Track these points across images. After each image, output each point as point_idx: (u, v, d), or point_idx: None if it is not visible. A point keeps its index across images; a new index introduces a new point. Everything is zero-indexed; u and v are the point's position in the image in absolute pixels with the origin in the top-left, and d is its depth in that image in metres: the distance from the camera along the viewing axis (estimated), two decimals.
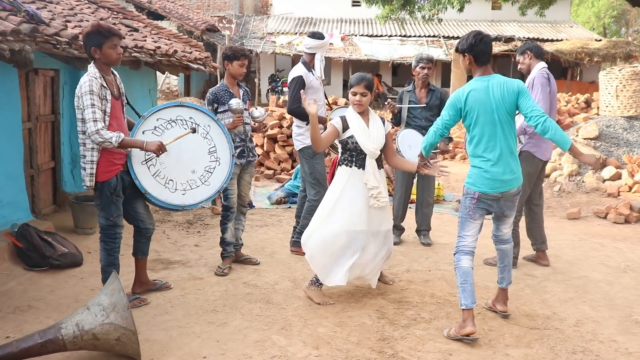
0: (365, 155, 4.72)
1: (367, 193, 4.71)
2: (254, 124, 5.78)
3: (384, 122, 4.88)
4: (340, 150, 4.86)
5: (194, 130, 4.63)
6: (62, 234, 5.97)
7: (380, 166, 4.83)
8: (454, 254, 4.38)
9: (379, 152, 4.77)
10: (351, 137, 4.72)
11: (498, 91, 4.21)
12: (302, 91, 5.20)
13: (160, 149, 4.33)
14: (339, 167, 4.85)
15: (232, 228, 5.62)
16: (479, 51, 4.25)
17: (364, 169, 4.72)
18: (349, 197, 4.72)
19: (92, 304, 3.69)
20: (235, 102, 5.31)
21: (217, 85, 5.54)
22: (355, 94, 4.73)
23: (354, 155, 4.75)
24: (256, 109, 5.73)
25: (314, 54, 6.03)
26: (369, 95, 4.75)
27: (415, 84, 6.55)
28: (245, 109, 5.55)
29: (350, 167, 4.75)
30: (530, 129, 5.34)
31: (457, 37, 24.04)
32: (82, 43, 4.41)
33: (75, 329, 3.59)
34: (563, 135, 4.08)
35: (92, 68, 4.28)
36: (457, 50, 4.47)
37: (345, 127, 4.74)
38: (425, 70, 6.43)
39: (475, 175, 4.28)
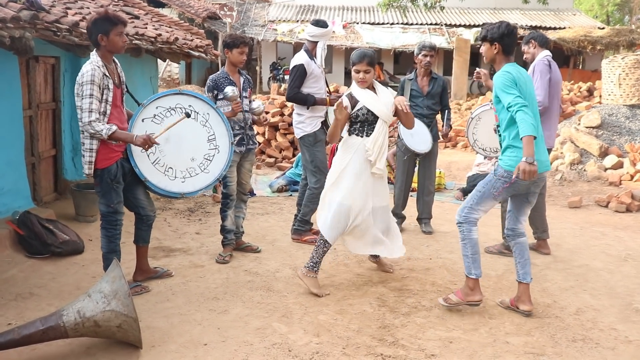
0: (376, 123, 4.75)
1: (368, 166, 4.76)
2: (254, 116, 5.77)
3: (387, 89, 4.95)
4: (348, 124, 4.86)
5: (187, 115, 4.59)
6: (64, 221, 5.98)
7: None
8: (462, 223, 4.44)
9: (392, 117, 4.83)
10: (361, 108, 4.74)
11: (526, 77, 4.34)
12: (335, 98, 5.34)
13: (147, 143, 4.30)
14: (349, 136, 4.86)
15: (232, 216, 5.62)
16: (509, 42, 4.32)
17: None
18: (353, 170, 4.75)
19: (94, 291, 3.70)
20: (230, 90, 5.29)
21: (218, 72, 5.53)
22: (358, 72, 4.72)
23: (366, 125, 4.77)
24: (254, 100, 5.72)
25: (317, 42, 6.01)
26: (372, 72, 4.74)
27: (418, 71, 6.53)
28: (246, 97, 5.54)
29: (362, 136, 4.79)
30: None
31: (460, 25, 23.94)
32: (86, 30, 4.39)
33: (77, 316, 3.60)
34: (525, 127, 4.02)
35: (94, 56, 4.27)
36: (484, 38, 4.41)
37: (354, 103, 4.76)
38: (428, 58, 6.40)
39: (514, 160, 4.20)
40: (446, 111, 6.61)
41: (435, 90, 6.46)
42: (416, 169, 6.80)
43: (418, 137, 6.37)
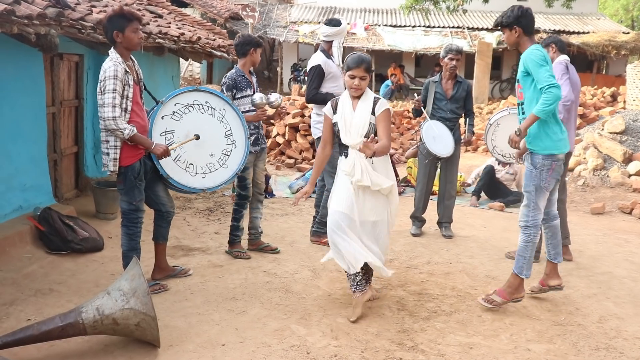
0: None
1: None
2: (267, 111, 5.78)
3: (375, 104, 4.32)
4: None
5: (197, 137, 4.69)
6: (84, 218, 6.01)
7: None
8: (531, 227, 4.46)
9: (361, 141, 4.15)
10: (335, 124, 4.41)
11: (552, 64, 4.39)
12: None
13: (165, 154, 4.39)
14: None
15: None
16: (526, 22, 4.35)
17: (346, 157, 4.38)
18: (340, 183, 4.43)
19: (113, 289, 3.70)
20: (258, 97, 5.36)
21: (233, 71, 5.52)
22: (353, 77, 4.28)
23: (341, 143, 4.42)
24: (271, 94, 5.71)
25: (332, 41, 5.99)
26: (368, 79, 4.35)
27: (442, 74, 6.47)
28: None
29: (341, 155, 4.47)
30: (560, 115, 5.28)
31: (482, 29, 23.78)
32: (102, 28, 4.42)
33: (96, 313, 3.60)
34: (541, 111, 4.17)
35: (113, 53, 4.28)
36: (500, 25, 4.44)
37: (336, 110, 4.44)
38: (454, 62, 6.34)
39: (549, 140, 4.33)
40: (469, 117, 6.55)
41: (459, 94, 6.41)
42: (437, 172, 6.75)
43: (440, 141, 6.32)
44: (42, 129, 6.06)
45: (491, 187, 8.65)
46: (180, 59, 9.91)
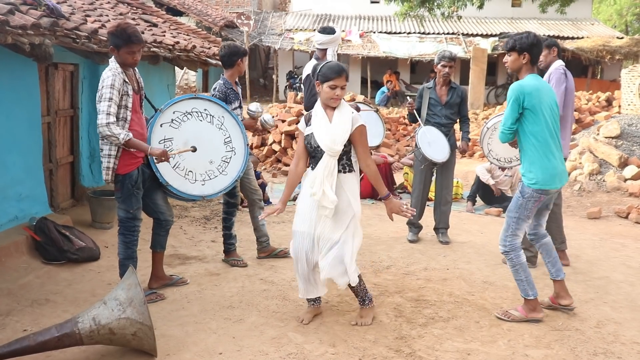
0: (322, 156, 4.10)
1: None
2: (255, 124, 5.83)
3: (353, 117, 4.10)
4: None
5: (194, 150, 4.70)
6: (80, 228, 5.99)
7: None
8: (509, 252, 4.45)
9: (340, 149, 4.04)
10: (309, 134, 4.17)
11: (546, 88, 4.43)
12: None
13: (163, 156, 4.32)
14: None
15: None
16: (537, 52, 4.38)
17: None
18: (301, 198, 4.30)
19: (109, 299, 3.69)
20: (254, 107, 5.41)
21: (221, 82, 5.49)
22: (334, 87, 4.02)
23: (315, 157, 4.18)
24: (252, 104, 5.74)
25: (326, 49, 6.01)
26: (345, 88, 4.14)
27: (437, 80, 6.49)
28: (240, 107, 5.57)
29: (311, 169, 4.25)
30: None
31: (477, 35, 23.86)
32: (103, 37, 4.41)
33: (92, 323, 3.59)
34: None
35: (113, 63, 4.29)
36: (512, 48, 4.41)
37: (309, 124, 4.24)
38: (447, 69, 6.35)
39: (542, 174, 4.31)
40: (464, 124, 6.57)
41: (453, 100, 6.42)
42: (433, 178, 6.75)
43: (435, 146, 6.33)
44: (38, 138, 6.05)
45: (487, 192, 8.65)
46: (176, 68, 9.91)
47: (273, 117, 6.03)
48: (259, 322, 4.30)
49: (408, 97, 6.22)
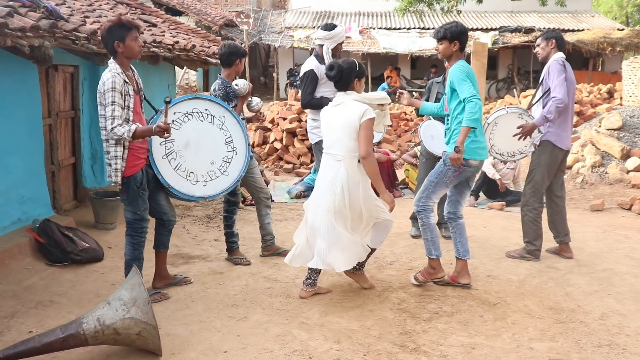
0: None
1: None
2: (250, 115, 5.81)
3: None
4: None
5: (167, 102, 4.30)
6: (83, 229, 6.00)
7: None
8: (421, 212, 4.89)
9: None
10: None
11: (473, 75, 4.85)
12: None
13: (165, 130, 4.17)
14: None
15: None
16: (465, 39, 4.89)
17: None
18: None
19: (113, 299, 3.70)
20: (242, 83, 5.36)
21: (219, 82, 5.49)
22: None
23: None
24: (252, 98, 5.69)
25: (323, 45, 6.02)
26: None
27: (446, 75, 6.46)
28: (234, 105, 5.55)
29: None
30: (550, 115, 5.31)
31: (477, 29, 23.78)
32: (101, 39, 4.39)
33: (97, 324, 3.60)
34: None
35: (112, 64, 4.28)
36: (444, 37, 4.91)
37: None
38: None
39: (467, 145, 4.72)
40: None
41: None
42: None
43: (439, 140, 6.31)
44: (39, 140, 6.05)
45: (490, 186, 8.64)
46: (176, 68, 9.91)
47: (263, 104, 5.93)
48: (263, 319, 4.30)
49: (398, 90, 6.20)
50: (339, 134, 4.49)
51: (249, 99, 5.57)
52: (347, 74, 4.55)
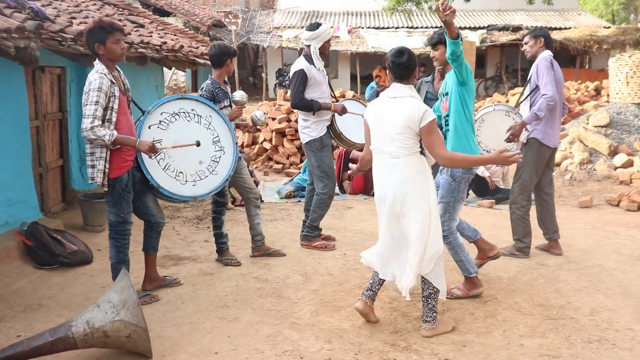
0: None
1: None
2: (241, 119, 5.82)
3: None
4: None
5: (198, 144, 4.69)
6: (72, 231, 5.96)
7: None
8: (447, 236, 4.53)
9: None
10: None
11: None
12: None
13: (152, 150, 4.31)
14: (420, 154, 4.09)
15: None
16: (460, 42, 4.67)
17: None
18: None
19: (102, 302, 3.67)
20: (239, 95, 5.39)
21: (209, 82, 5.50)
22: None
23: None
24: (236, 92, 5.66)
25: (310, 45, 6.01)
26: None
27: (435, 75, 6.47)
28: (229, 106, 5.54)
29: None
30: (541, 112, 5.33)
31: (465, 27, 23.86)
32: (85, 40, 4.37)
33: (86, 327, 3.57)
34: None
35: (98, 65, 4.25)
36: (439, 42, 4.92)
37: None
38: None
39: (466, 150, 4.57)
40: None
41: None
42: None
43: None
44: (26, 143, 6.01)
45: (479, 185, 8.66)
46: (164, 68, 9.88)
47: (265, 113, 5.99)
48: (254, 320, 4.29)
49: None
50: (396, 131, 3.94)
51: (233, 94, 5.58)
52: (413, 62, 4.02)
